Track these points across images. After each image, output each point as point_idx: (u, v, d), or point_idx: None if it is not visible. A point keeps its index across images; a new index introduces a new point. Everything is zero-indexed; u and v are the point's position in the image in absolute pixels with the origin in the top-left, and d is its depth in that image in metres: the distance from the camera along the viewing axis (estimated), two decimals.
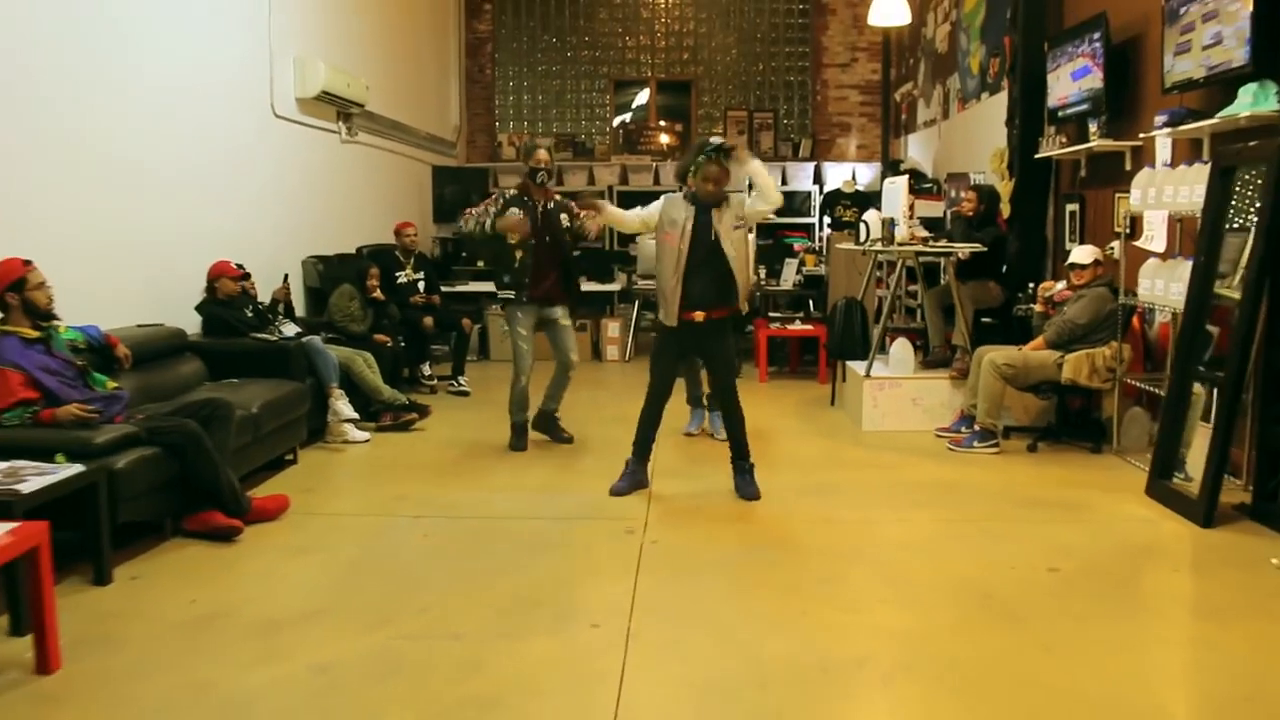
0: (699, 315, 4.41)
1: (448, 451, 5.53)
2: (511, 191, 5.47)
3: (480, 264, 9.55)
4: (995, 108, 7.92)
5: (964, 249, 5.93)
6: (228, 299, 5.52)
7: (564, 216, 5.52)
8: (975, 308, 6.11)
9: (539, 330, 5.59)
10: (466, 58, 12.02)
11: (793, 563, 3.75)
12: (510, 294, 5.46)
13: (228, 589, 3.48)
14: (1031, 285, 6.16)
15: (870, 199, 9.57)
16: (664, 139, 12.20)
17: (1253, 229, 4.18)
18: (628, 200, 11.13)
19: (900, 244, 5.91)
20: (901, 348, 6.06)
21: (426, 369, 7.42)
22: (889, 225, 5.88)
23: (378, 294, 6.59)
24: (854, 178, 10.77)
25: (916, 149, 10.69)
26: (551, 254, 5.44)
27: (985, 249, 5.97)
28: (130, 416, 3.94)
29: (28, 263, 3.86)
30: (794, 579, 3.57)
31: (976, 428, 5.44)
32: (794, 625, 3.13)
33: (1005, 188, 6.99)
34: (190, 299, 5.53)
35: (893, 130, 11.74)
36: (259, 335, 5.48)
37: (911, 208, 8.92)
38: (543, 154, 5.41)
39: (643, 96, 12.34)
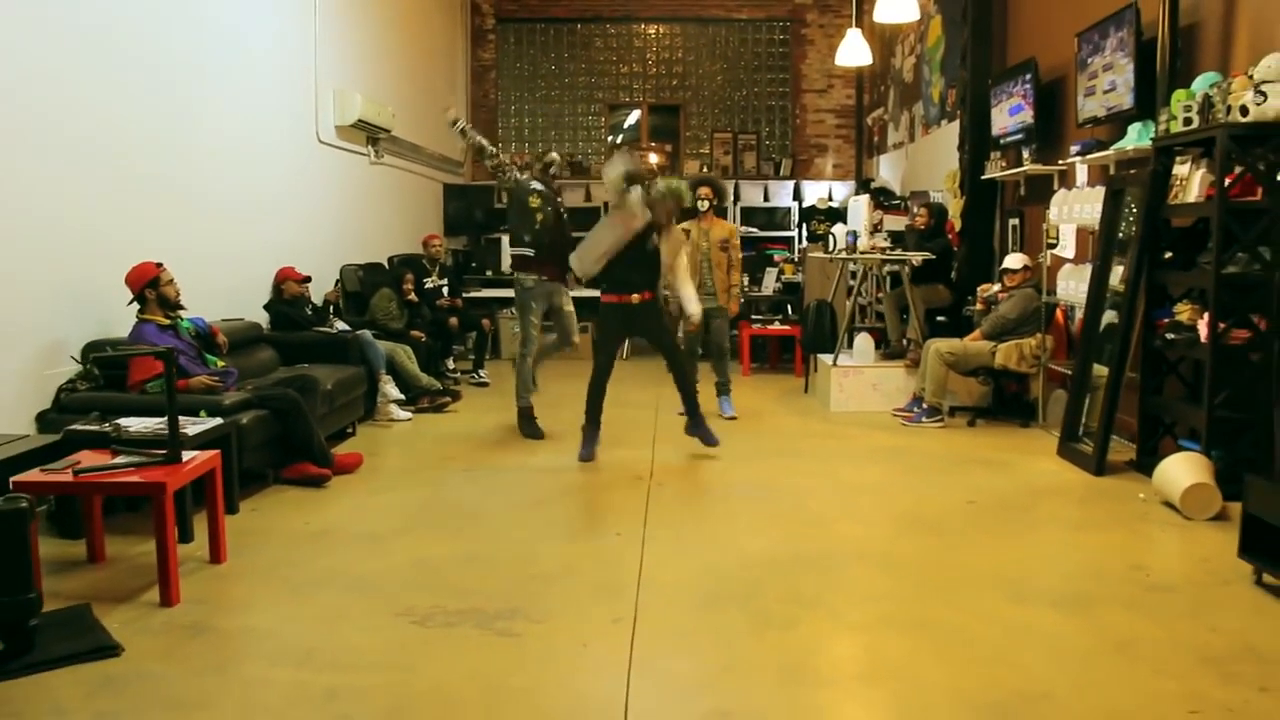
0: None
1: (479, 426, 6.53)
2: (536, 184, 6.37)
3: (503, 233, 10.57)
4: (952, 134, 9.00)
5: (915, 257, 6.98)
6: (292, 299, 6.51)
7: (562, 205, 6.54)
8: (927, 307, 7.17)
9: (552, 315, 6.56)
10: (472, 84, 13.06)
11: (771, 497, 4.78)
12: (528, 252, 6.24)
13: (331, 515, 4.47)
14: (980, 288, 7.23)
15: (842, 214, 10.64)
16: (654, 158, 13.28)
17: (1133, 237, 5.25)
18: None
19: (861, 253, 6.96)
20: (863, 341, 7.10)
21: (450, 363, 8.42)
22: (851, 237, 6.94)
23: (412, 296, 7.61)
24: (830, 195, 11.84)
25: (887, 169, 11.78)
26: (559, 240, 6.27)
27: (935, 257, 7.02)
28: (241, 387, 4.93)
29: (159, 265, 4.85)
30: (772, 508, 4.60)
31: (924, 406, 6.48)
32: (772, 533, 4.16)
33: (957, 205, 8.07)
34: (258, 299, 6.52)
35: (865, 151, 12.84)
36: (320, 329, 6.47)
37: (880, 223, 9.98)
38: (554, 154, 6.46)
39: (634, 116, 13.41)
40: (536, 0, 12.94)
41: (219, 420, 4.27)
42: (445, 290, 8.57)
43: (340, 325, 6.81)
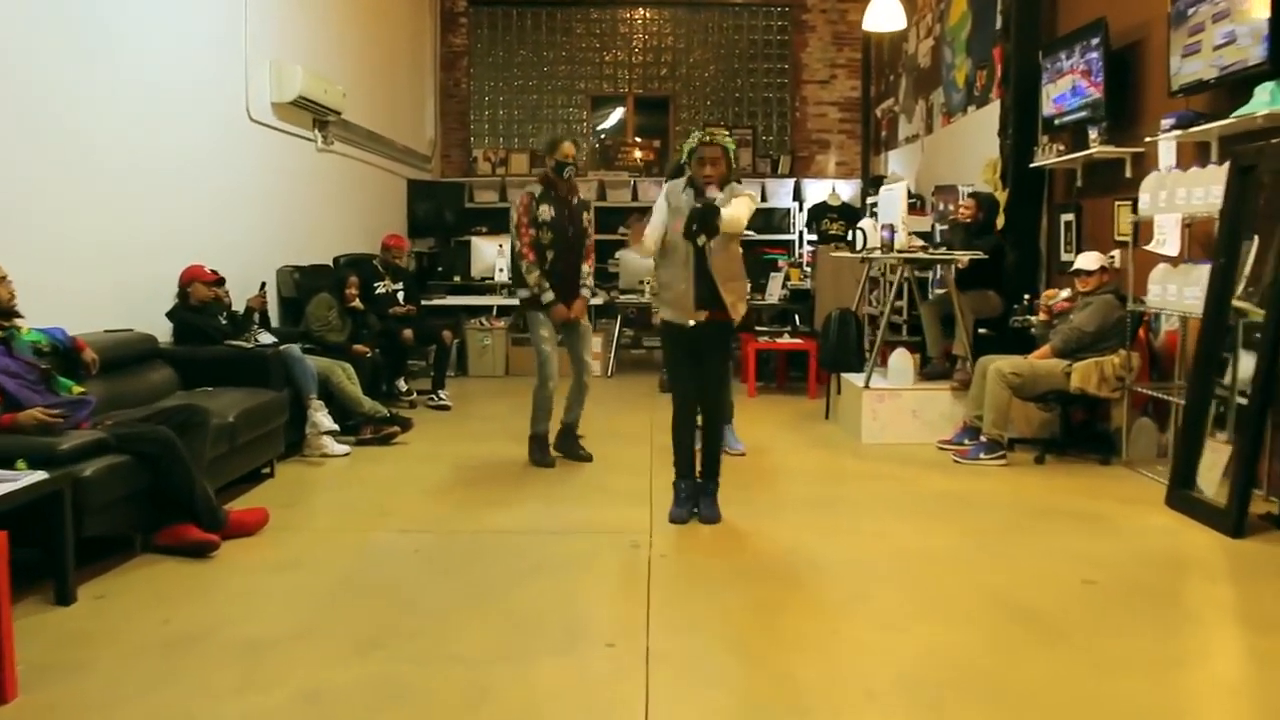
0: (703, 315, 4.13)
1: (432, 465, 5.26)
2: (537, 188, 5.20)
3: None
4: (984, 120, 7.84)
5: (965, 257, 5.78)
6: (200, 305, 5.24)
7: (586, 215, 5.35)
8: (975, 318, 5.96)
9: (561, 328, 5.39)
10: (442, 71, 11.82)
11: (814, 577, 3.53)
12: (547, 293, 5.16)
13: (205, 608, 3.19)
14: (1028, 297, 6.04)
15: (857, 211, 9.46)
16: (640, 155, 12.09)
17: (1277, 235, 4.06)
18: (605, 216, 11.07)
19: (899, 251, 5.75)
20: (901, 359, 5.89)
21: (403, 384, 7.14)
22: (888, 232, 5.72)
23: (356, 303, 6.33)
24: (835, 193, 10.67)
25: (898, 164, 10.61)
26: (574, 252, 5.23)
27: (986, 256, 5.83)
28: (98, 423, 3.65)
29: None
30: (818, 594, 3.35)
31: (982, 439, 5.27)
32: (826, 645, 2.90)
33: (999, 198, 6.87)
34: (161, 305, 5.25)
35: (873, 146, 11.67)
36: (234, 343, 5.19)
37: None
38: (568, 146, 5.17)
39: (617, 114, 12.21)
40: None
41: (40, 475, 2.99)
42: (400, 296, 7.30)
43: (265, 338, 5.54)
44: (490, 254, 9.59)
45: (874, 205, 7.62)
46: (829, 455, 5.59)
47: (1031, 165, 6.58)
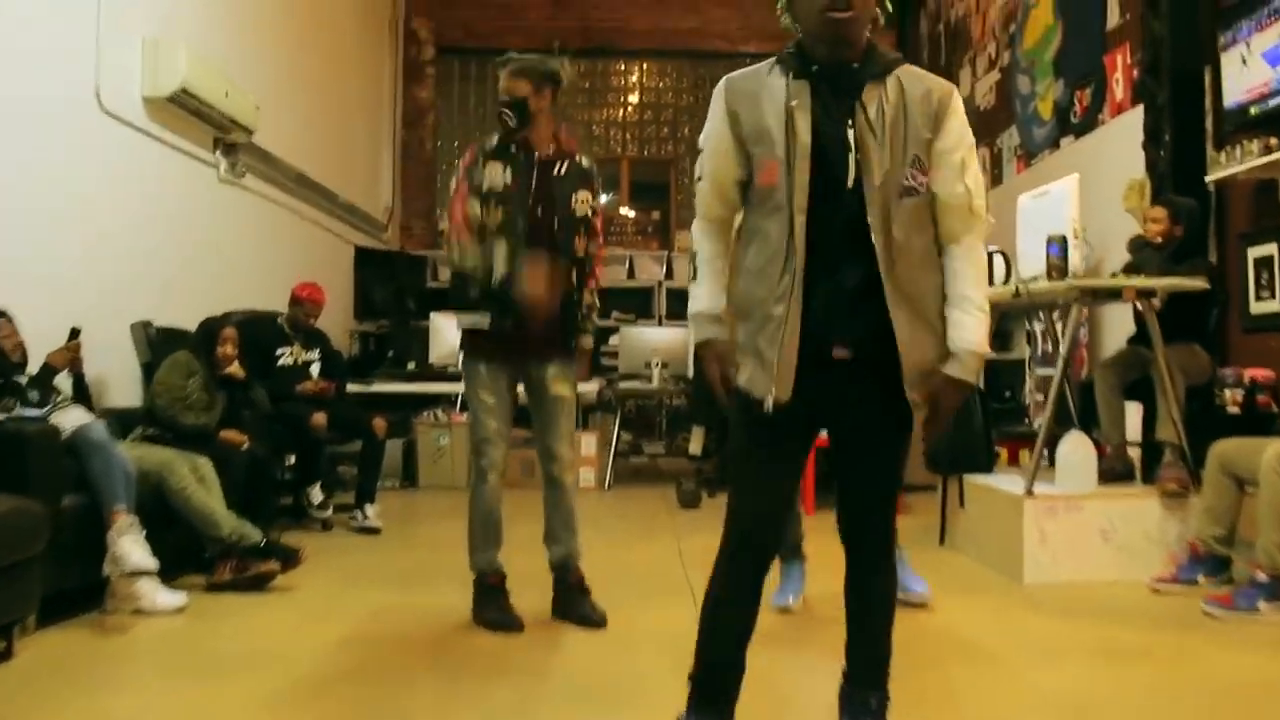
0: (843, 353, 1.86)
1: (325, 634, 3.06)
2: (493, 140, 3.20)
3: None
4: (1084, 154, 6.14)
5: (1177, 285, 3.74)
6: None
7: (582, 194, 3.18)
8: (1187, 383, 3.89)
9: (526, 395, 3.29)
10: (404, 128, 9.99)
11: None
12: (481, 322, 3.12)
13: None
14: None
15: None
16: (637, 226, 10.23)
17: None
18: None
19: (1078, 279, 3.68)
20: (1077, 448, 3.78)
21: (317, 493, 4.95)
22: (1055, 249, 3.67)
23: (234, 369, 4.18)
24: None
25: None
26: (551, 252, 3.08)
27: (1208, 287, 3.80)
28: None
29: None
30: None
31: (1261, 577, 3.13)
32: None
33: (1147, 226, 4.90)
34: None
35: None
36: None
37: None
38: (511, 79, 3.14)
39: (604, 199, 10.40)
40: (488, 27, 10.00)
41: None
42: (315, 370, 5.16)
43: (72, 415, 3.39)
44: (454, 335, 7.48)
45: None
46: (991, 611, 3.40)
47: (1209, 179, 4.67)
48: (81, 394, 3.69)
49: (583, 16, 9.96)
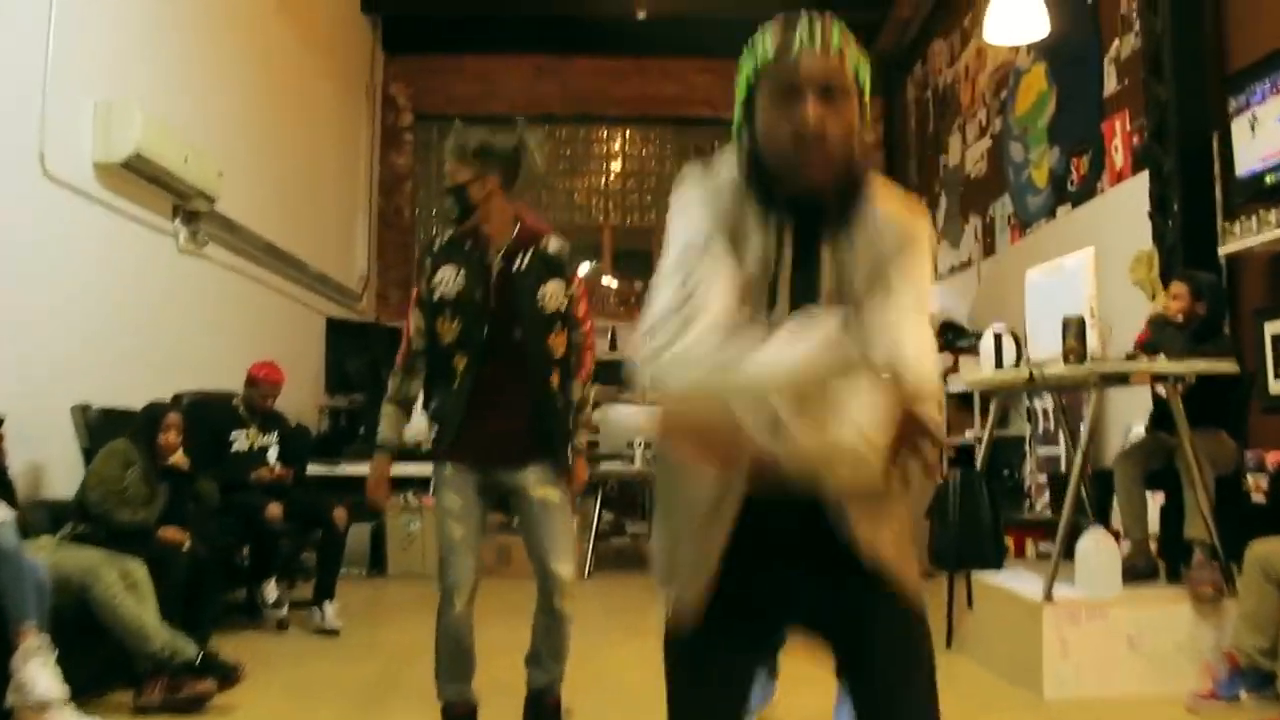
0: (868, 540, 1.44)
1: None
2: (444, 239, 2.85)
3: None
4: (1076, 226, 6.03)
5: (1207, 370, 3.45)
6: None
7: (551, 286, 2.81)
8: (1215, 473, 3.58)
9: (498, 509, 2.96)
10: (380, 195, 9.75)
11: None
12: (440, 435, 2.79)
13: None
14: None
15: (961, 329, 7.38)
16: (619, 298, 9.97)
17: None
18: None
19: (1099, 362, 3.38)
20: (1099, 546, 3.45)
21: (271, 589, 4.55)
22: (1076, 330, 3.37)
23: (178, 459, 3.81)
24: None
25: (943, 299, 8.51)
26: (511, 357, 2.75)
27: (1236, 370, 3.52)
28: None
29: None
30: None
31: None
32: None
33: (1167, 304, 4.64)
34: None
35: None
36: None
37: (953, 367, 6.90)
38: (451, 161, 2.75)
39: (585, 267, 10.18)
40: (467, 92, 9.82)
41: None
42: (272, 456, 4.79)
43: None
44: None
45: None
46: None
47: (1223, 251, 4.43)
48: (2, 488, 3.32)
49: (563, 83, 9.81)
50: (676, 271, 1.39)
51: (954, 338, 7.35)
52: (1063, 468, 5.86)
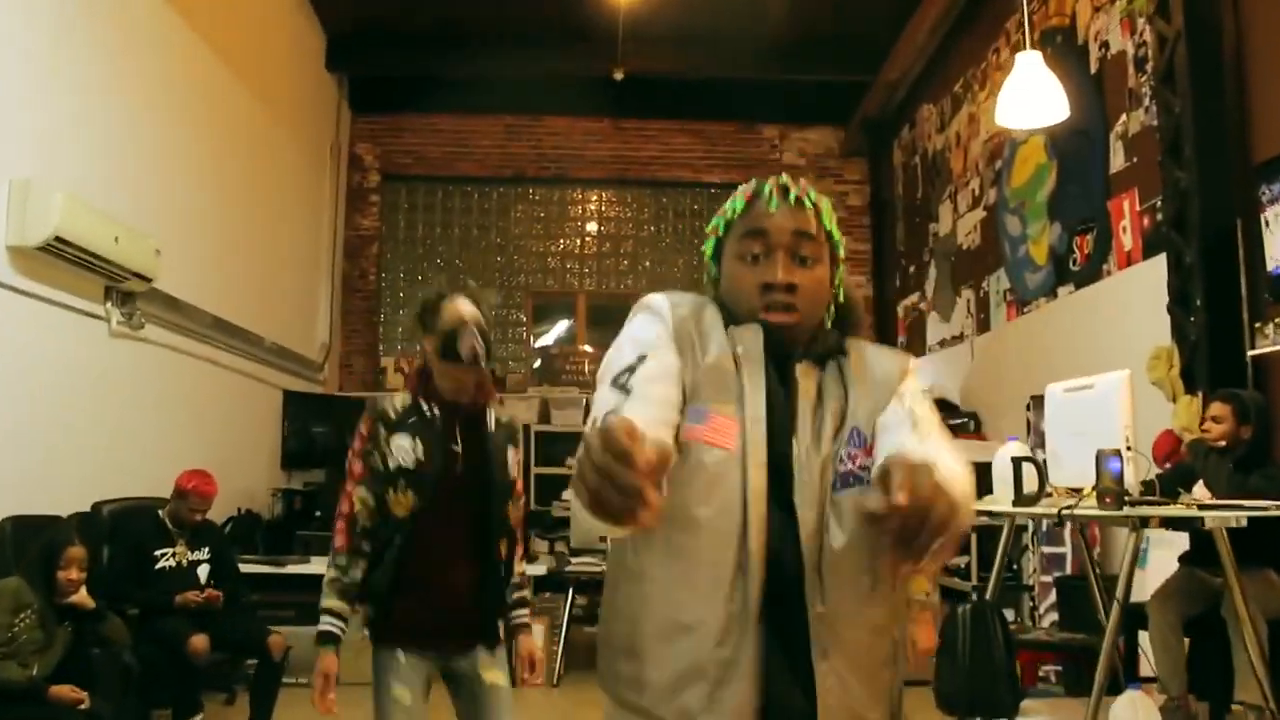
0: None
1: None
2: (397, 401, 2.44)
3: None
4: (1096, 301, 5.62)
5: (1269, 512, 3.03)
6: None
7: (511, 455, 2.50)
8: (1267, 619, 3.15)
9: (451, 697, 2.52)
10: (345, 259, 9.30)
11: None
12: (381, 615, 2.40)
13: None
14: None
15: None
16: (594, 364, 9.53)
17: None
18: (549, 444, 8.26)
19: (1140, 504, 2.94)
20: (1138, 713, 2.99)
21: None
22: (1114, 463, 2.94)
23: (80, 597, 3.29)
24: None
25: (933, 374, 8.13)
26: (466, 528, 2.39)
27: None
28: None
29: None
30: None
31: None
32: None
33: (1191, 410, 4.25)
34: None
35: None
36: None
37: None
38: (462, 304, 2.37)
39: (562, 326, 9.77)
40: (437, 153, 9.46)
41: None
42: (203, 570, 4.26)
43: None
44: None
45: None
46: None
47: (1253, 353, 4.06)
48: None
49: (536, 143, 9.45)
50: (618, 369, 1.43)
51: (945, 415, 7.00)
52: (1068, 569, 5.44)
